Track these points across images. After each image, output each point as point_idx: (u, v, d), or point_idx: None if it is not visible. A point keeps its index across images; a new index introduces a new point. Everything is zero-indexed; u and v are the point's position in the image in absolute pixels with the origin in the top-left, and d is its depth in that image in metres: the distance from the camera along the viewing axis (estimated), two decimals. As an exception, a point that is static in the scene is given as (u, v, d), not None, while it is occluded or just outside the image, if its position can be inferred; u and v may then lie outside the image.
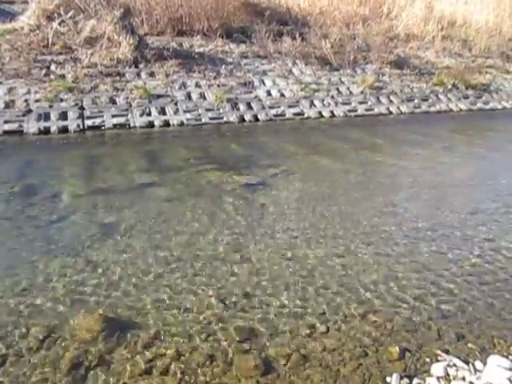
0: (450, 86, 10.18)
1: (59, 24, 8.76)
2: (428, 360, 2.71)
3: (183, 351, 2.71)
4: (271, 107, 8.32)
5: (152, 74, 8.48)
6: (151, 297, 3.20)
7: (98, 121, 7.10)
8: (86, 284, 3.31)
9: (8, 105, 7.04)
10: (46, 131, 6.77)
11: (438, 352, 2.76)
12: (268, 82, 9.02)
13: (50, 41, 8.50)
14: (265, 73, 9.32)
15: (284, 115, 8.25)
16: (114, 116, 7.26)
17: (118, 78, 8.14)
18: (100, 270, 3.48)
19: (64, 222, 4.22)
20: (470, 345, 2.85)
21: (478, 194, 5.36)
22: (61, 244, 3.83)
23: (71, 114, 7.12)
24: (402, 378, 2.55)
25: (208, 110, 7.90)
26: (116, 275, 3.43)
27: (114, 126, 7.12)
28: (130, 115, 7.36)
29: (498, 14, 13.37)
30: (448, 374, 2.57)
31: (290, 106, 8.47)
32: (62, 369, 2.55)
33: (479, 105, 10.01)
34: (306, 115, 8.38)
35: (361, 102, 9.06)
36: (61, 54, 8.42)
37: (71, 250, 3.75)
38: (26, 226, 4.11)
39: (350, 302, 3.22)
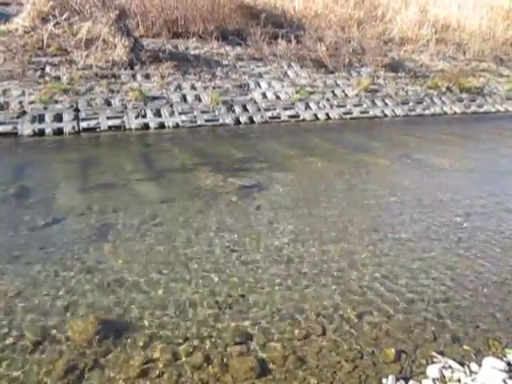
0: (444, 89, 10.26)
1: (54, 26, 8.74)
2: (424, 362, 2.71)
3: (179, 354, 2.70)
4: (267, 109, 8.34)
5: (147, 76, 8.48)
6: (146, 299, 3.18)
7: (93, 123, 7.09)
8: (80, 286, 3.29)
9: (2, 106, 7.01)
10: (41, 133, 6.74)
11: (434, 354, 2.77)
12: (263, 85, 9.04)
13: (45, 42, 8.48)
14: (260, 75, 9.34)
15: (279, 117, 8.27)
16: (109, 118, 7.24)
17: (113, 79, 8.13)
18: (95, 273, 3.46)
19: (58, 224, 4.20)
20: (465, 346, 2.86)
21: (473, 196, 5.39)
22: (55, 246, 3.81)
23: (66, 116, 7.10)
24: (397, 379, 2.55)
25: (203, 112, 7.91)
26: (111, 278, 3.41)
27: (110, 127, 7.11)
28: (125, 117, 7.35)
29: (491, 18, 13.50)
30: (443, 376, 2.58)
31: (285, 109, 8.49)
32: (57, 372, 2.53)
33: (473, 108, 10.09)
34: (301, 117, 8.41)
35: (356, 105, 9.11)
36: (56, 55, 8.40)
37: (66, 252, 3.72)
38: (20, 229, 4.08)
39: (346, 304, 3.22)
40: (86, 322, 2.90)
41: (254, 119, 8.05)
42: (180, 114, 7.73)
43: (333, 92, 9.34)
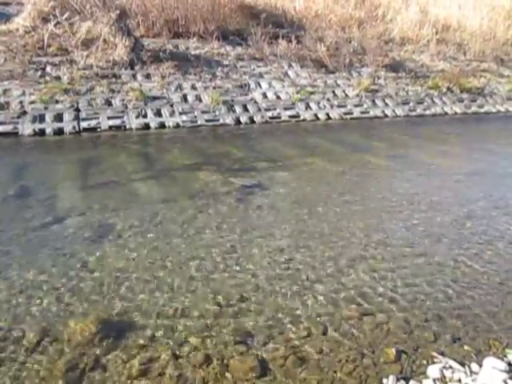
0: (444, 90, 10.25)
1: (55, 25, 8.74)
2: (424, 362, 2.71)
3: (179, 353, 2.70)
4: (267, 109, 8.34)
5: (148, 76, 8.48)
6: (147, 299, 3.18)
7: (93, 122, 7.09)
8: (81, 286, 3.29)
9: (3, 106, 7.01)
10: (42, 133, 6.74)
11: (434, 354, 2.77)
12: (264, 85, 9.04)
13: (46, 42, 8.48)
14: (261, 75, 9.34)
15: (280, 117, 8.27)
16: (109, 118, 7.25)
17: (113, 79, 8.13)
18: (96, 272, 3.46)
19: (59, 224, 4.20)
20: (465, 347, 2.86)
21: (474, 198, 5.39)
22: (56, 246, 3.81)
23: (67, 116, 7.10)
24: (398, 379, 2.55)
25: (204, 112, 7.91)
26: (112, 277, 3.41)
27: (110, 127, 7.11)
28: (125, 117, 7.35)
29: (492, 18, 13.48)
30: (444, 376, 2.58)
31: (285, 109, 8.49)
32: (58, 372, 2.53)
33: (474, 108, 10.08)
34: (301, 117, 8.40)
35: (356, 105, 9.10)
36: (56, 55, 8.40)
37: (66, 252, 3.72)
38: (20, 229, 4.08)
39: (346, 304, 3.22)
40: (87, 321, 2.90)
41: (255, 119, 8.05)
42: (180, 113, 7.73)
43: (333, 92, 9.34)
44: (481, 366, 2.64)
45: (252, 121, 8.01)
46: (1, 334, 2.79)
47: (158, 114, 7.62)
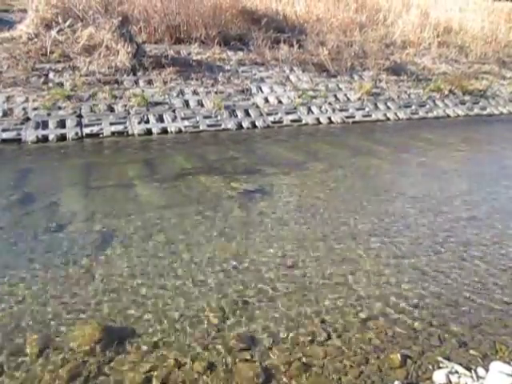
0: (446, 92, 10.24)
1: (57, 32, 8.78)
2: (430, 367, 2.69)
3: (183, 360, 2.69)
4: (269, 114, 8.35)
5: (150, 82, 8.50)
6: (150, 305, 3.17)
7: (96, 129, 7.11)
8: (84, 293, 3.28)
9: (6, 113, 7.04)
10: (45, 139, 6.76)
11: (440, 359, 2.75)
12: (265, 89, 9.05)
13: (48, 49, 8.52)
14: (262, 80, 9.36)
15: (282, 122, 8.27)
16: (112, 124, 7.26)
17: (116, 85, 8.16)
18: (98, 279, 3.46)
19: (62, 230, 4.20)
20: (471, 351, 2.83)
21: (477, 200, 5.36)
22: (58, 253, 3.81)
23: (69, 122, 7.12)
24: (403, 385, 2.53)
25: (206, 117, 7.92)
26: (114, 284, 3.40)
27: (112, 133, 7.12)
28: (128, 123, 7.37)
29: (493, 21, 13.48)
30: (450, 381, 2.55)
31: (287, 113, 8.49)
32: (61, 380, 2.52)
33: (476, 110, 10.06)
34: (303, 122, 8.40)
35: (358, 109, 9.10)
36: (59, 62, 8.44)
37: (69, 258, 3.72)
38: (23, 235, 4.08)
39: (350, 309, 3.20)
40: (90, 328, 2.89)
41: (257, 124, 8.05)
42: (182, 119, 7.74)
43: (335, 96, 9.34)
44: (487, 370, 2.61)
45: (254, 125, 8.01)
46: (3, 342, 2.79)
47: (160, 119, 7.64)
